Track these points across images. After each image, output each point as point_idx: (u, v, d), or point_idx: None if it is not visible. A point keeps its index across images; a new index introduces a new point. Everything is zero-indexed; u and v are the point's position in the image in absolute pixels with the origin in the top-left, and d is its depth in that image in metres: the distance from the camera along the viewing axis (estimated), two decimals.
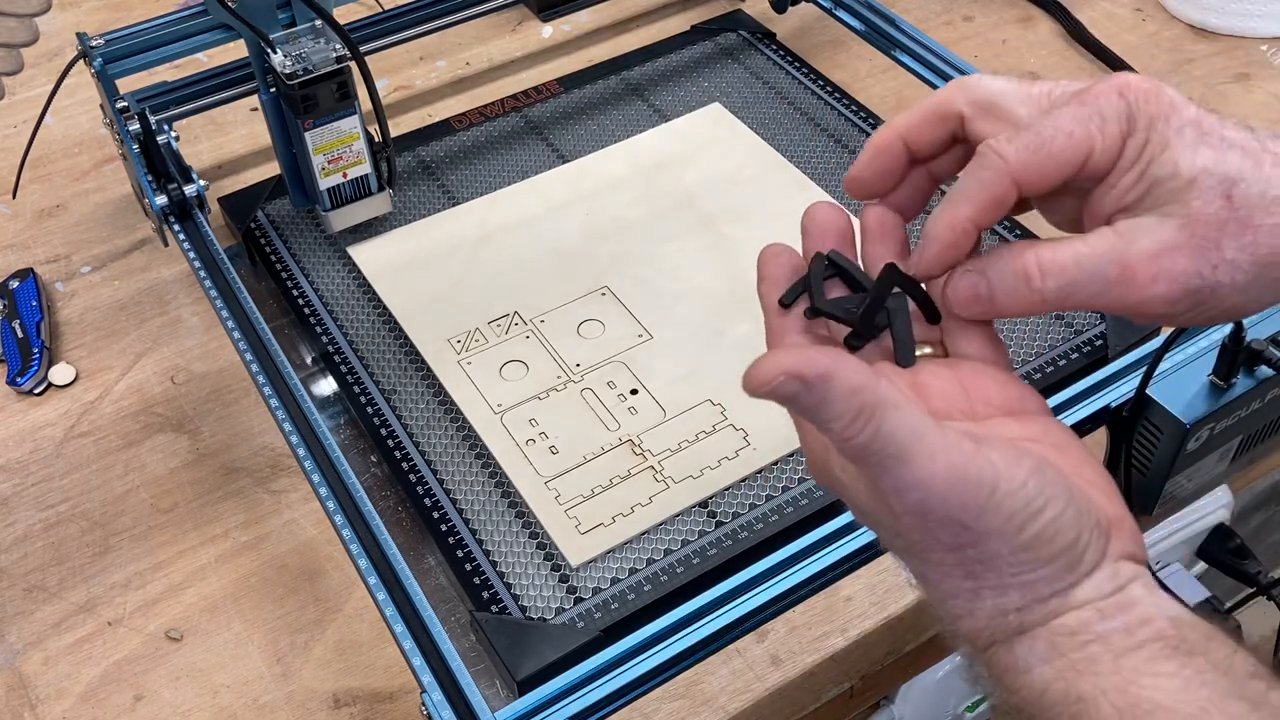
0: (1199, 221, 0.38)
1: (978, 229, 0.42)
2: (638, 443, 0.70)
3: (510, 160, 0.91)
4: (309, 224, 0.86)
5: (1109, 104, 0.40)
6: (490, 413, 0.71)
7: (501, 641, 0.61)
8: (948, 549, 0.38)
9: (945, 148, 0.44)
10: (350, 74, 0.75)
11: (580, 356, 0.75)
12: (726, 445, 0.69)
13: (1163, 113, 0.40)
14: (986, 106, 0.42)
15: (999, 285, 0.41)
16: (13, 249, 0.90)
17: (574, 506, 0.66)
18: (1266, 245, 0.38)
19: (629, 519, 0.66)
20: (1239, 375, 0.64)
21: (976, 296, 0.42)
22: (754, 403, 0.71)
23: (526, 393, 0.72)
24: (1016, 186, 0.40)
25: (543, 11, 1.09)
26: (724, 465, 0.68)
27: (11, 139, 1.00)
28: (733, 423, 0.70)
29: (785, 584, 0.56)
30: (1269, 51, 1.04)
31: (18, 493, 0.74)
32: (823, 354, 0.36)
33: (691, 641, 0.54)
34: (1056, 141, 0.40)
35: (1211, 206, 0.38)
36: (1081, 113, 0.40)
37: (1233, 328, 0.62)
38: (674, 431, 0.70)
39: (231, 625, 0.67)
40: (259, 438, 0.76)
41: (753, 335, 0.75)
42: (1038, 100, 0.42)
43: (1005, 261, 0.41)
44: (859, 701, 0.68)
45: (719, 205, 0.85)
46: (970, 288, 0.42)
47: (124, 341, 0.83)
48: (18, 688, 0.64)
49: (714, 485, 0.67)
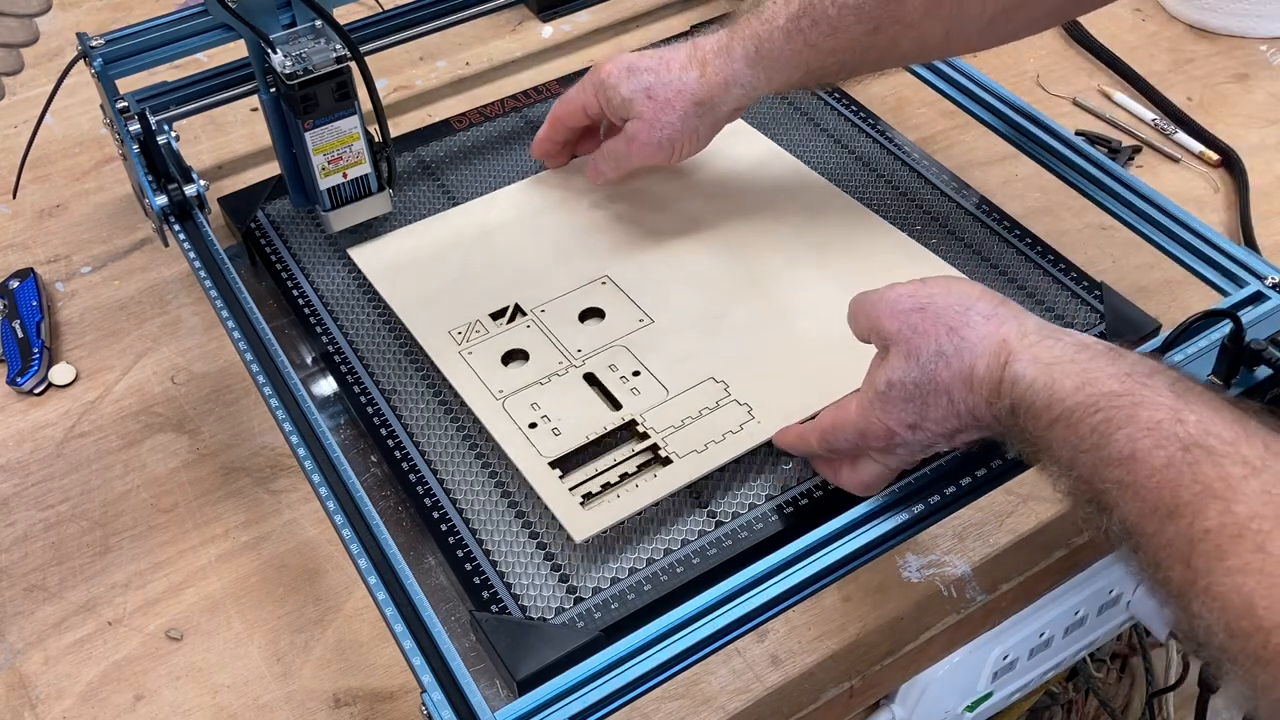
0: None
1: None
2: (641, 421, 0.70)
3: (510, 160, 0.91)
4: (309, 224, 0.86)
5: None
6: (492, 399, 0.71)
7: (501, 641, 0.61)
8: (943, 409, 0.57)
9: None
10: (350, 74, 0.75)
11: (581, 343, 0.75)
12: (731, 420, 0.69)
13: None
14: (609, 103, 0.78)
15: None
16: (13, 249, 0.90)
17: (578, 485, 0.67)
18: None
19: (634, 493, 0.66)
20: (1239, 375, 0.64)
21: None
22: (758, 377, 0.74)
23: (528, 378, 0.73)
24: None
25: (543, 11, 1.09)
26: (728, 439, 0.68)
27: (11, 139, 1.00)
28: (736, 398, 0.70)
29: (785, 584, 0.56)
30: (1269, 51, 1.04)
31: (18, 493, 0.74)
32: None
33: (691, 641, 0.54)
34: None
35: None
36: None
37: (1232, 328, 0.62)
38: (677, 409, 0.70)
39: (231, 625, 0.67)
40: (259, 438, 0.76)
41: (752, 314, 0.76)
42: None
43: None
44: (859, 701, 0.68)
45: (717, 195, 0.85)
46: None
47: (124, 341, 0.83)
48: (18, 688, 0.64)
49: (718, 459, 0.67)
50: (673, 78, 0.74)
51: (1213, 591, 0.43)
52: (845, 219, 0.82)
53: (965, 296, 0.57)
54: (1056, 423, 0.51)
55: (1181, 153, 0.94)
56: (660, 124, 0.75)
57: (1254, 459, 0.45)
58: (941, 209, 0.85)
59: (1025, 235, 0.82)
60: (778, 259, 0.80)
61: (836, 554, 0.57)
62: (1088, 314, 0.77)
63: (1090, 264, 0.82)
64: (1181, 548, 0.45)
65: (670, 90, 0.74)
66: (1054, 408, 0.51)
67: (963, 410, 0.56)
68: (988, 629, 0.71)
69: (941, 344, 0.56)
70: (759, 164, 0.87)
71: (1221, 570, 0.43)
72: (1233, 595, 0.42)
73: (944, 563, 0.68)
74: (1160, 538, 0.46)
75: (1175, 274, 0.77)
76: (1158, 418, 0.47)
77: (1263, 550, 0.42)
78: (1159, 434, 0.47)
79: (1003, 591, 0.68)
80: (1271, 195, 0.90)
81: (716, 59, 0.74)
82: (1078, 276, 0.79)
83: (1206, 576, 0.43)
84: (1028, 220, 0.84)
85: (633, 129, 0.76)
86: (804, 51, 0.71)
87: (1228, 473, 0.44)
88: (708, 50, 0.74)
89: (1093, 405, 0.50)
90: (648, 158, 0.78)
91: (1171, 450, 0.46)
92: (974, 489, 0.60)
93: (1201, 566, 0.44)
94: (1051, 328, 0.55)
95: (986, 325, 0.56)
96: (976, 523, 0.69)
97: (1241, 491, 0.44)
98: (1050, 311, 0.77)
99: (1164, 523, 0.46)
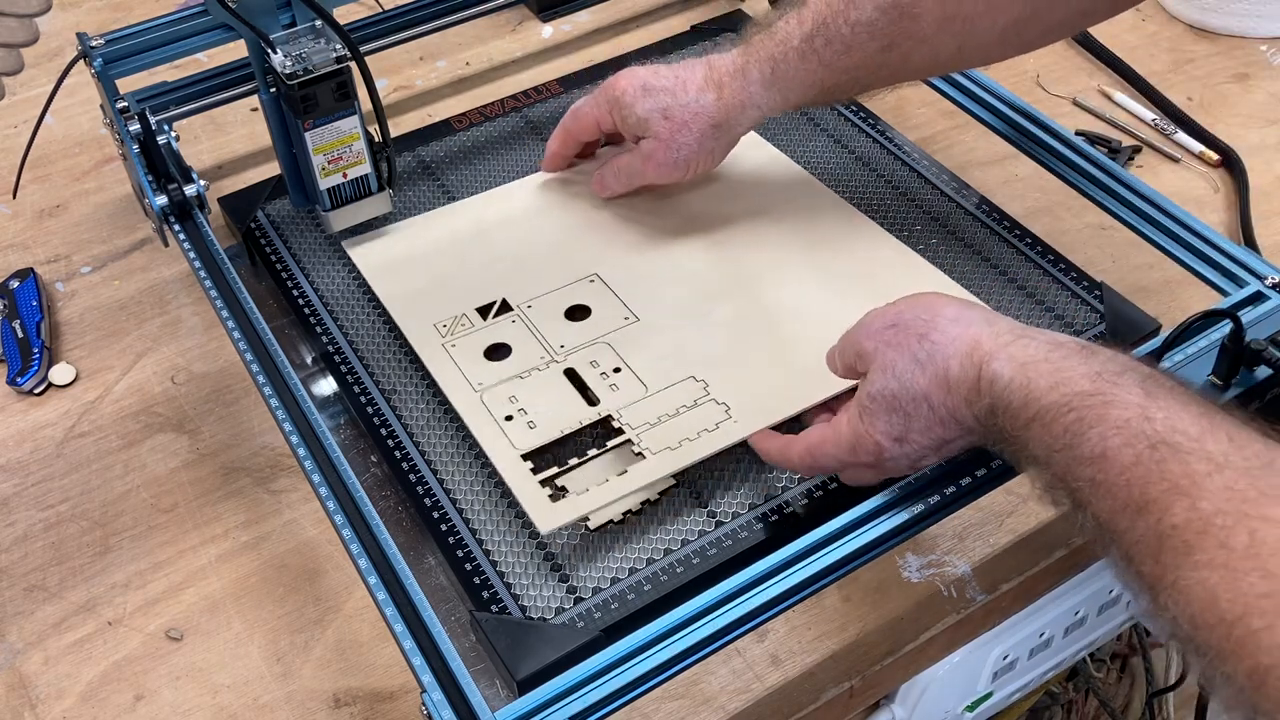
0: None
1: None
2: (617, 417, 0.70)
3: (510, 160, 0.91)
4: (309, 224, 0.86)
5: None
6: (471, 391, 0.72)
7: (501, 641, 0.61)
8: (928, 412, 0.58)
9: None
10: (350, 74, 0.75)
11: (565, 339, 0.75)
12: (707, 418, 0.69)
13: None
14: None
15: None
16: (13, 249, 0.90)
17: (548, 478, 0.67)
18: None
19: (604, 488, 0.66)
20: (1239, 375, 0.64)
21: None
22: (737, 377, 0.75)
23: (507, 372, 0.73)
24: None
25: (543, 11, 1.09)
26: (703, 436, 0.68)
27: (11, 139, 1.00)
28: (714, 397, 0.70)
29: (785, 584, 0.56)
30: (1269, 51, 1.04)
31: (18, 493, 0.74)
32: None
33: (691, 641, 0.54)
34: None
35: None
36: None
37: (1232, 328, 0.62)
38: (655, 406, 0.70)
39: (231, 625, 0.67)
40: (259, 438, 0.76)
41: (738, 315, 0.76)
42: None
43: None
44: (859, 701, 0.68)
45: (713, 196, 0.85)
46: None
47: (124, 341, 0.83)
48: (18, 688, 0.64)
49: (691, 456, 0.67)
50: (690, 99, 0.74)
51: (1179, 586, 0.44)
52: (838, 223, 0.82)
53: (931, 306, 0.59)
54: (1033, 422, 0.52)
55: (1181, 153, 0.94)
56: (677, 144, 0.76)
57: (1218, 455, 0.46)
58: (941, 209, 0.85)
59: (1025, 235, 0.82)
60: (767, 260, 0.80)
61: (836, 554, 0.57)
62: (1088, 314, 0.77)
63: (1090, 264, 0.82)
64: (1151, 543, 0.46)
65: (688, 112, 0.75)
66: (1030, 407, 0.52)
67: (944, 415, 0.57)
68: (988, 629, 0.71)
69: (915, 351, 0.58)
70: (758, 166, 0.87)
71: (1188, 565, 0.44)
72: (1197, 589, 0.44)
73: (944, 563, 0.68)
74: (1131, 534, 0.47)
75: (1175, 274, 0.77)
76: (1126, 416, 0.49)
77: (1225, 546, 0.43)
78: (1128, 432, 0.48)
79: (1003, 591, 0.68)
80: (1271, 195, 0.90)
81: (733, 81, 0.74)
82: (1078, 276, 0.79)
83: (1174, 571, 0.45)
84: (1028, 220, 0.84)
85: (648, 148, 0.77)
86: (818, 71, 0.72)
87: (1193, 469, 0.46)
88: (724, 72, 0.74)
89: (1066, 405, 0.51)
90: (662, 176, 0.79)
91: (1140, 448, 0.48)
92: (974, 489, 0.60)
93: (1169, 562, 0.45)
94: (1023, 327, 0.57)
95: (955, 328, 0.57)
96: (976, 523, 0.69)
97: (1206, 488, 0.45)
98: (1050, 311, 0.77)
99: (1134, 519, 0.47)
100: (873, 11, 0.69)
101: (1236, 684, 0.42)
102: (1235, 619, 0.42)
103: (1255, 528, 0.43)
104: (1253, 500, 0.44)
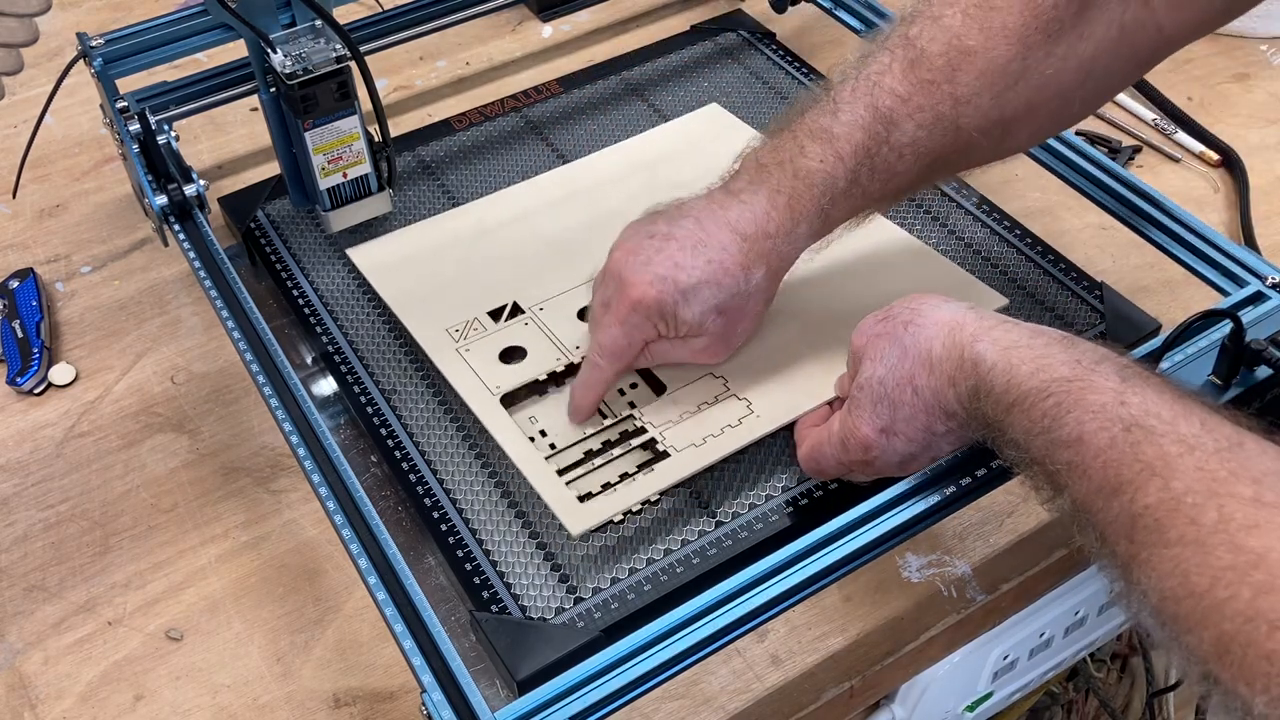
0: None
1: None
2: (639, 416, 0.70)
3: (510, 160, 0.91)
4: (309, 224, 0.86)
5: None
6: (489, 396, 0.71)
7: (501, 641, 0.61)
8: (921, 406, 0.58)
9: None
10: (350, 74, 0.75)
11: (580, 339, 0.75)
12: (729, 414, 0.69)
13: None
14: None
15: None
16: (13, 249, 0.90)
17: (575, 479, 0.67)
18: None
19: (631, 487, 0.66)
20: (1239, 375, 0.64)
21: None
22: (757, 373, 0.74)
23: (526, 375, 0.73)
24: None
25: (543, 11, 1.09)
26: (726, 432, 0.68)
27: (11, 139, 1.00)
28: (735, 393, 0.71)
29: (785, 584, 0.56)
30: (1269, 51, 1.04)
31: (18, 493, 0.74)
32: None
33: (691, 641, 0.54)
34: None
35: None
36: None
37: (1232, 327, 0.62)
38: (675, 404, 0.70)
39: (231, 625, 0.67)
40: (259, 438, 0.76)
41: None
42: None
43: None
44: (859, 701, 0.68)
45: None
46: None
47: (124, 341, 0.83)
48: (18, 688, 0.64)
49: (717, 452, 0.67)
50: (739, 287, 0.66)
51: (1152, 563, 0.46)
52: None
53: (916, 298, 0.61)
54: (1014, 407, 0.53)
55: (1182, 153, 0.94)
56: (736, 335, 0.69)
57: (1190, 437, 0.47)
58: (941, 209, 0.85)
59: (1025, 235, 0.82)
60: None
61: (837, 554, 0.57)
62: (1088, 314, 0.77)
63: (1090, 264, 0.82)
64: (1125, 523, 0.47)
65: (742, 298, 0.67)
66: (1011, 392, 0.53)
67: (929, 399, 0.58)
68: (988, 629, 0.71)
69: (900, 338, 0.59)
70: None
71: (1160, 543, 0.46)
72: (1168, 564, 0.45)
73: (944, 563, 0.68)
74: (1106, 514, 0.48)
75: (1175, 274, 0.77)
76: (1103, 400, 0.50)
77: (1195, 522, 0.45)
78: (1104, 416, 0.50)
79: (1003, 591, 0.68)
80: (1271, 195, 0.90)
81: (783, 244, 0.66)
82: (1078, 276, 0.79)
83: (1147, 549, 0.46)
84: (1028, 220, 0.84)
85: (701, 345, 0.69)
86: (862, 200, 0.67)
87: (1166, 451, 0.47)
88: (765, 234, 0.65)
89: (1045, 390, 0.52)
90: (711, 362, 0.71)
91: (1115, 431, 0.49)
92: (974, 489, 0.60)
93: (1142, 540, 0.47)
94: (1004, 317, 0.58)
95: (936, 312, 0.59)
96: (976, 523, 0.69)
97: (1177, 469, 0.47)
98: (1050, 311, 0.77)
99: (1109, 500, 0.48)
100: (915, 130, 0.64)
101: (1200, 653, 0.44)
102: (1203, 590, 0.44)
103: (1224, 504, 0.45)
104: (1222, 479, 0.45)
